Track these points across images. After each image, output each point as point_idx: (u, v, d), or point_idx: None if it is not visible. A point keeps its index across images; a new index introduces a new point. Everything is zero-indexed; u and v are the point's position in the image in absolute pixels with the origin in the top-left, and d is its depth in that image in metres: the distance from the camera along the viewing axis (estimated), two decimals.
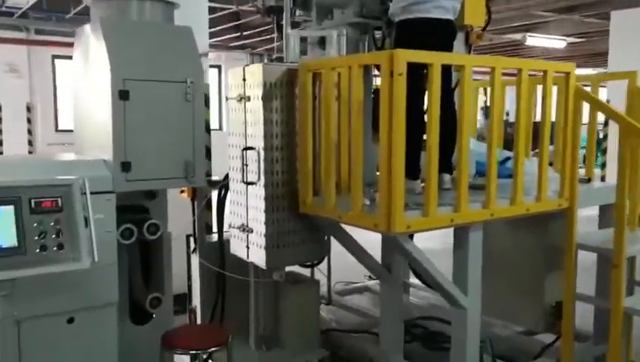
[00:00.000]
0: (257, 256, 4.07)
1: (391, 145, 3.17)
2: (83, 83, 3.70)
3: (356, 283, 6.77)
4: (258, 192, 3.98)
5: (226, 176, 4.49)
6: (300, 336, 4.54)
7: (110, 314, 3.23)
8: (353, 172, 3.47)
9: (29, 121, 13.72)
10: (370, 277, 7.11)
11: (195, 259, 4.80)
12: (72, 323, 3.12)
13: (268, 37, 12.71)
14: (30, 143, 13.68)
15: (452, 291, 3.62)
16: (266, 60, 4.09)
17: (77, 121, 3.84)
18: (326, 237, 4.29)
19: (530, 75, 3.85)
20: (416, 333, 4.78)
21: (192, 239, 4.86)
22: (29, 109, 13.57)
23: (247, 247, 4.18)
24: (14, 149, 13.14)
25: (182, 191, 4.68)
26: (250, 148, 4.01)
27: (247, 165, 4.08)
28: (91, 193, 3.08)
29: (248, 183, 4.07)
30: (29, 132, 13.69)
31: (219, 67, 17.11)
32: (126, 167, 3.19)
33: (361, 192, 3.46)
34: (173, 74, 3.35)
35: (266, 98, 3.84)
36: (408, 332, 4.74)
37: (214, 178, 5.42)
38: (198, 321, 4.78)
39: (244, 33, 13.54)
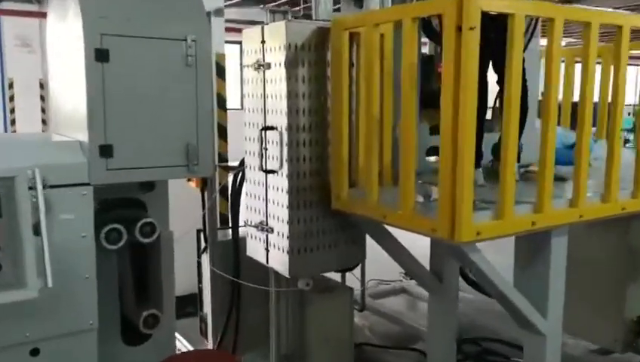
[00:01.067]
0: (278, 262, 3.30)
1: (458, 126, 2.35)
2: (57, 48, 2.93)
3: (391, 282, 5.97)
4: (280, 183, 3.20)
5: (242, 162, 3.71)
6: (330, 355, 3.77)
7: (87, 343, 2.50)
8: (404, 159, 2.66)
9: (42, 98, 13.06)
10: (406, 274, 6.34)
11: (206, 259, 4.06)
12: (36, 355, 2.40)
13: None
14: (44, 122, 13.04)
15: (528, 314, 2.81)
16: (290, 17, 3.24)
17: (52, 95, 3.08)
18: (363, 238, 3.49)
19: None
20: (468, 352, 4.00)
21: (203, 235, 4.11)
22: (42, 86, 12.89)
23: (267, 250, 3.40)
24: (27, 128, 12.53)
25: (189, 180, 3.93)
26: (271, 127, 3.22)
27: (266, 149, 3.29)
28: (60, 186, 2.36)
29: (268, 172, 3.29)
30: (43, 110, 13.04)
31: (240, 43, 16.24)
32: (106, 151, 2.42)
33: (413, 186, 2.65)
34: (169, 29, 2.53)
35: (291, 64, 3.04)
36: (459, 350, 3.95)
37: (232, 164, 4.66)
38: (209, 331, 4.05)
39: None
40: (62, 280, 2.38)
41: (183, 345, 4.54)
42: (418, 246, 3.28)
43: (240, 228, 3.84)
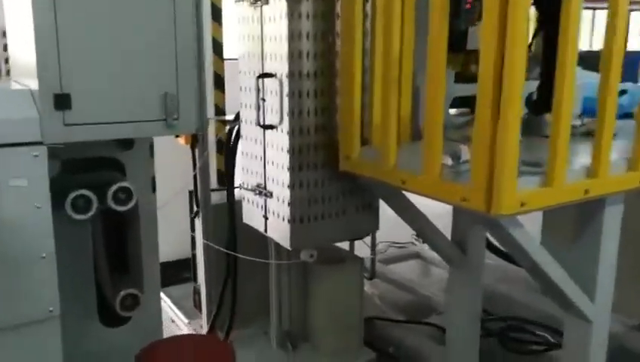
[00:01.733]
0: (278, 232, 2.86)
1: (504, 67, 1.86)
2: None
3: (402, 244, 5.55)
4: (280, 141, 2.73)
5: (237, 116, 3.23)
6: (337, 332, 3.38)
7: (47, 333, 2.07)
8: (430, 112, 2.17)
9: (5, 48, 12.36)
10: (419, 236, 5.91)
11: (199, 224, 3.62)
12: None
13: None
14: (8, 73, 12.33)
15: (574, 297, 2.37)
16: None
17: (10, 40, 2.58)
18: (376, 204, 3.03)
19: None
20: (491, 328, 3.58)
21: (195, 197, 3.67)
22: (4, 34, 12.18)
23: (265, 218, 2.96)
24: None
25: (177, 136, 3.45)
26: (269, 75, 2.73)
27: (264, 100, 2.81)
28: (4, 145, 1.88)
29: (266, 127, 2.82)
30: (6, 60, 12.32)
31: None
32: (62, 102, 1.94)
33: (441, 146, 2.17)
34: None
35: None
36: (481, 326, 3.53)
37: (228, 118, 4.19)
38: (203, 304, 3.64)
39: None
40: (12, 261, 1.95)
41: (177, 317, 4.15)
42: (432, 206, 2.80)
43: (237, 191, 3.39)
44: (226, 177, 3.32)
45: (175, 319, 4.17)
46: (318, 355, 3.38)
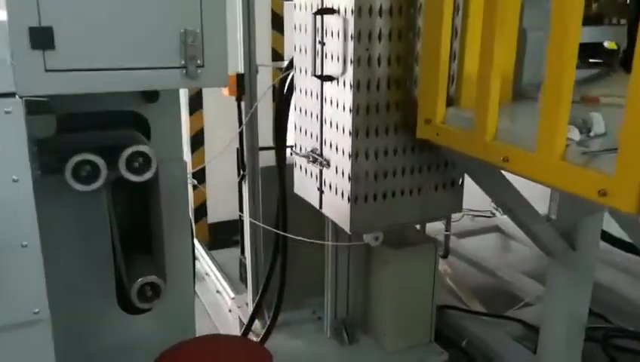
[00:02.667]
0: (336, 211, 2.30)
1: None
2: None
3: (480, 212, 4.87)
4: (341, 96, 2.13)
5: (290, 64, 2.64)
6: (404, 325, 2.85)
7: (33, 339, 1.61)
8: (555, 64, 1.51)
9: None
10: (498, 205, 5.22)
11: (245, 189, 3.10)
12: None
13: None
14: None
15: None
16: None
17: None
18: (460, 181, 2.41)
19: None
20: (592, 335, 2.93)
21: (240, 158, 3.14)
22: None
23: (321, 191, 2.40)
24: None
25: None
26: (330, 10, 2.11)
27: (322, 43, 2.21)
28: None
29: (324, 78, 2.22)
30: None
31: None
32: (41, 39, 1.40)
33: (567, 113, 1.52)
34: None
35: None
36: None
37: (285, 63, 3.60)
38: (249, 282, 3.17)
39: None
40: None
41: (223, 288, 3.71)
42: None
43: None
44: (275, 138, 2.76)
45: (220, 290, 3.74)
46: (379, 350, 2.85)
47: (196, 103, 4.28)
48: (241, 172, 3.00)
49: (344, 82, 2.09)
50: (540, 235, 2.27)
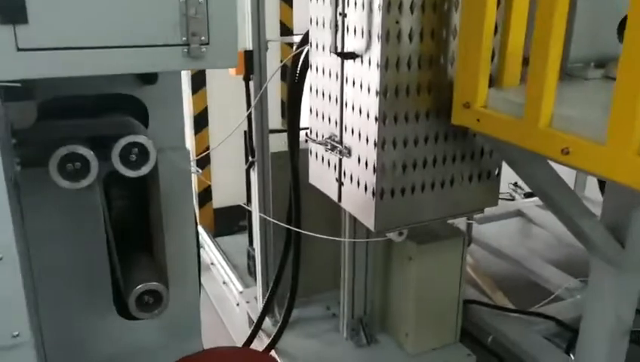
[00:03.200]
0: (358, 206, 2.05)
1: None
2: None
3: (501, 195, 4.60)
4: (366, 76, 1.87)
5: (305, 38, 2.36)
6: (428, 324, 2.62)
7: None
8: (637, 39, 1.24)
9: None
10: (516, 185, 4.97)
11: (254, 176, 2.85)
12: None
13: None
14: None
15: None
16: None
17: None
18: (497, 171, 2.15)
19: None
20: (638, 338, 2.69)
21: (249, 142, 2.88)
22: None
23: (340, 183, 2.14)
24: None
25: None
26: None
27: (344, 15, 1.93)
28: None
29: (346, 56, 1.95)
30: None
31: None
32: (11, 11, 1.13)
33: None
34: None
35: None
36: None
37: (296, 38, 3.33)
38: (258, 276, 2.94)
39: None
40: None
41: (230, 280, 3.49)
42: None
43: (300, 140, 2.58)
44: (288, 121, 2.50)
45: (227, 281, 3.52)
46: (401, 353, 2.63)
47: (199, 81, 4.01)
48: (250, 158, 2.74)
49: (369, 60, 1.82)
50: (587, 232, 2.02)
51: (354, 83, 1.94)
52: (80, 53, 1.24)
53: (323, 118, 2.19)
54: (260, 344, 2.76)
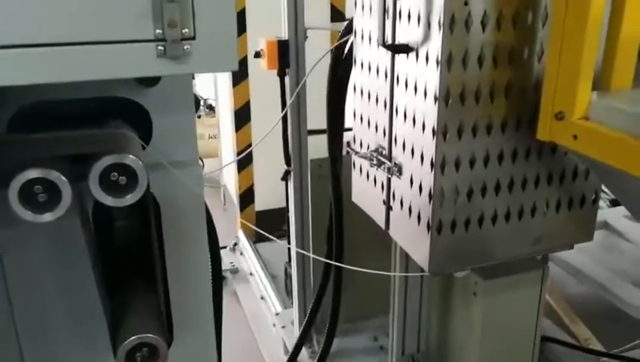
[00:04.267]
0: (410, 239, 1.62)
1: None
2: None
3: None
4: (422, 75, 1.43)
5: (349, 27, 1.94)
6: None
7: None
8: None
9: None
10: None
11: (291, 187, 2.46)
12: None
13: None
14: None
15: None
16: None
17: None
18: (593, 197, 1.67)
19: None
20: None
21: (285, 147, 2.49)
22: None
23: (388, 207, 1.72)
24: None
25: (257, 55, 2.25)
26: None
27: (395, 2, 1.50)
28: None
29: (397, 49, 1.52)
30: None
31: None
32: None
33: None
34: None
35: None
36: None
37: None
38: (295, 299, 2.56)
39: None
40: None
41: (268, 296, 3.13)
42: None
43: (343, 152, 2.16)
44: (328, 124, 2.08)
45: (265, 297, 3.17)
46: None
47: (241, 71, 3.63)
48: (286, 167, 2.35)
49: (426, 55, 1.39)
50: None
51: (407, 84, 1.51)
52: (27, 52, 0.87)
53: (369, 124, 1.77)
54: None
